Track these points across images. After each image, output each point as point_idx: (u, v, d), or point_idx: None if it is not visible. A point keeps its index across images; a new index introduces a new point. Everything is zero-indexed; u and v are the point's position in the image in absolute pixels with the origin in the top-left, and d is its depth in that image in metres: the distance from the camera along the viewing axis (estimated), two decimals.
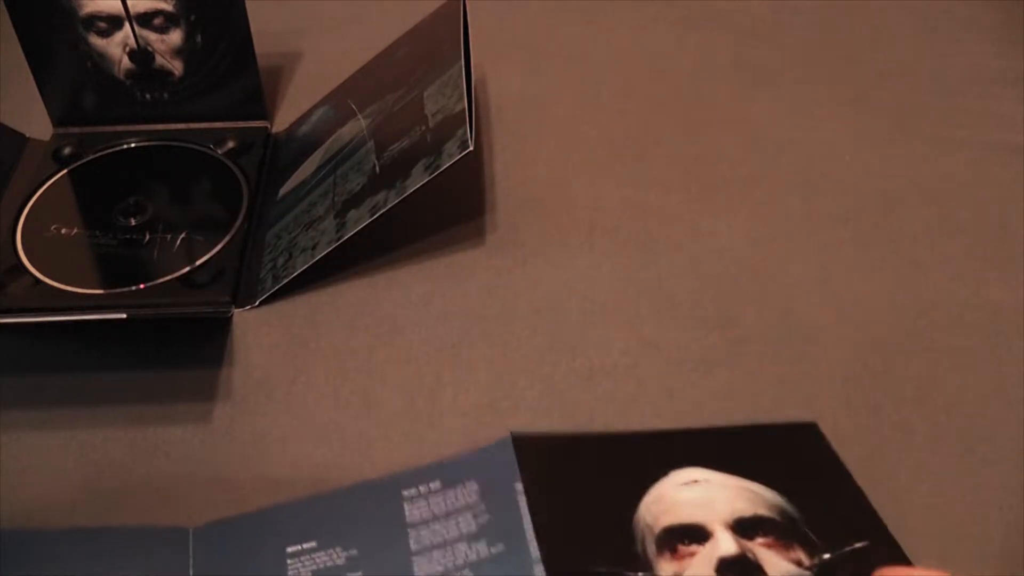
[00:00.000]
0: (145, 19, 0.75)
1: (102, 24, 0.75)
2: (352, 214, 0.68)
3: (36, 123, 0.80)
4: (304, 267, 0.68)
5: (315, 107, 0.83)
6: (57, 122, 0.80)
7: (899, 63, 0.86)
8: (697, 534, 0.55)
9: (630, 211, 0.74)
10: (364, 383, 0.64)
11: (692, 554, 0.54)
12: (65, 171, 0.77)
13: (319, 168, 0.75)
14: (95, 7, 0.74)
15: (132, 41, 0.76)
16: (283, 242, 0.71)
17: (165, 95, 0.79)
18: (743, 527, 0.54)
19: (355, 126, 0.76)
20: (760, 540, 0.53)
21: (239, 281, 0.70)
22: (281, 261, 0.70)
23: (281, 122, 0.83)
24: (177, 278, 0.69)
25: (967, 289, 0.68)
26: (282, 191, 0.76)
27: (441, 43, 0.74)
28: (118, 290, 0.68)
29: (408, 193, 0.66)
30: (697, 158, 0.78)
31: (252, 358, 0.65)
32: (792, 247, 0.71)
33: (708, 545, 0.54)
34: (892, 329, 0.65)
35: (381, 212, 0.66)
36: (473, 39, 0.74)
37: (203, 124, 0.81)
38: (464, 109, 0.66)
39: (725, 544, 0.53)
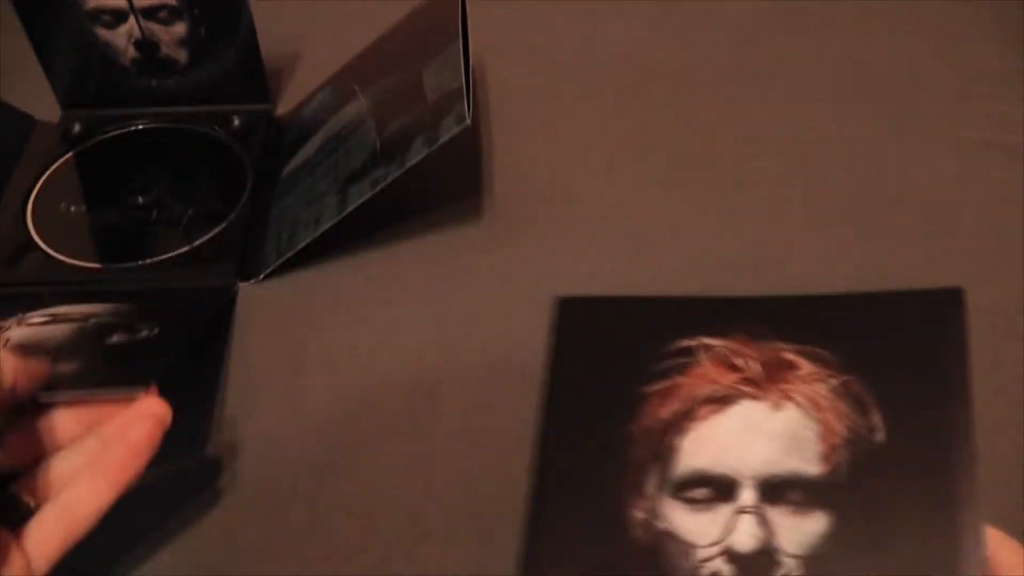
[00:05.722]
0: (149, 12, 0.76)
1: (107, 17, 0.76)
2: (354, 188, 0.70)
3: (44, 107, 0.81)
4: (307, 240, 0.69)
5: (317, 90, 0.83)
6: (65, 104, 0.82)
7: (899, 63, 0.85)
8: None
9: (630, 210, 0.74)
10: (363, 382, 0.64)
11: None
12: (73, 151, 0.79)
13: (322, 147, 0.76)
14: (99, 1, 0.76)
15: (137, 32, 0.77)
16: (287, 218, 0.73)
17: (171, 81, 0.80)
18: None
19: (357, 106, 0.76)
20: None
21: (244, 256, 0.71)
22: (285, 236, 0.71)
23: (284, 105, 0.84)
24: (183, 254, 0.71)
25: (966, 289, 0.68)
26: (285, 171, 0.77)
27: (440, 24, 0.75)
28: (125, 264, 0.70)
29: (408, 166, 0.67)
30: (697, 158, 0.78)
31: (252, 359, 0.66)
32: (792, 247, 0.71)
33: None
34: None
35: (382, 185, 0.67)
36: (473, 37, 0.74)
37: (208, 107, 0.82)
38: (461, 86, 0.67)
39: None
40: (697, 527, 0.48)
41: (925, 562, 0.46)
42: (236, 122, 0.81)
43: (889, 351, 0.52)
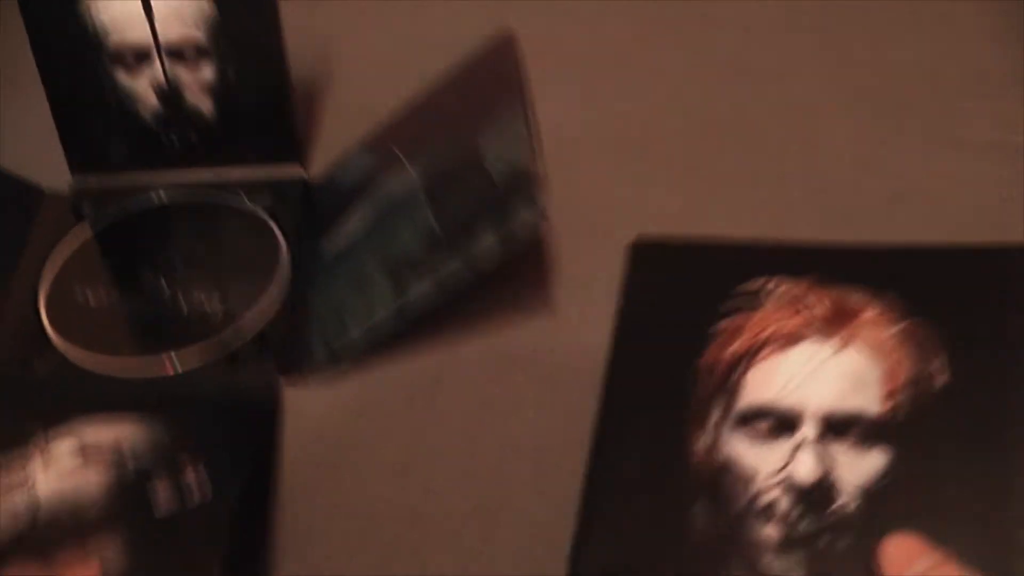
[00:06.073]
0: (176, 51, 0.71)
1: (130, 58, 0.71)
2: (412, 281, 0.62)
3: (50, 171, 0.75)
4: (361, 337, 0.63)
5: (353, 151, 0.76)
6: (76, 168, 0.75)
7: (899, 63, 0.83)
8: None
9: (630, 211, 0.72)
10: (365, 380, 0.64)
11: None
12: (89, 228, 0.72)
13: (366, 221, 0.69)
14: (122, 37, 0.71)
15: (161, 77, 0.72)
16: (332, 304, 0.66)
17: (194, 138, 0.74)
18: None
19: (403, 175, 0.69)
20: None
21: (284, 348, 0.65)
22: (332, 328, 0.65)
23: (316, 163, 0.78)
24: (216, 345, 0.64)
25: None
26: (325, 246, 0.70)
27: (494, 83, 0.69)
28: (152, 357, 0.64)
29: (479, 265, 0.60)
30: (697, 158, 0.77)
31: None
32: None
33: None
34: None
35: (450, 285, 0.61)
36: (473, 39, 0.74)
37: (234, 169, 0.75)
38: (531, 164, 0.60)
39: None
40: (758, 458, 0.50)
41: (979, 499, 0.48)
42: (265, 190, 0.74)
43: (957, 301, 0.54)
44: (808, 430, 0.50)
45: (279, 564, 0.57)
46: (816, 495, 0.48)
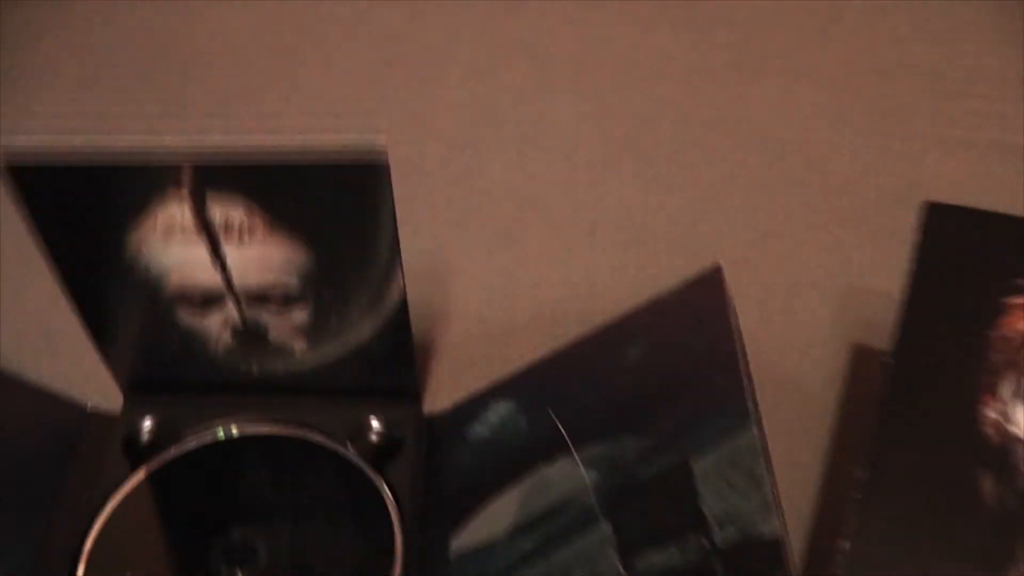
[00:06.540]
0: (259, 296, 0.54)
1: (197, 300, 0.55)
2: None
3: (100, 381, 0.60)
4: None
5: (490, 394, 0.59)
6: (128, 389, 0.59)
7: (899, 63, 0.86)
8: None
9: (630, 211, 0.74)
10: None
11: None
12: (135, 483, 0.56)
13: (516, 530, 0.51)
14: (186, 280, 0.53)
15: (237, 319, 0.55)
16: None
17: (280, 369, 0.58)
18: None
19: (571, 473, 0.51)
20: None
21: None
22: None
23: (431, 397, 0.65)
24: None
25: None
26: (455, 543, 0.53)
27: (702, 365, 0.50)
28: None
29: None
30: (697, 158, 0.79)
31: None
32: (792, 247, 0.72)
33: None
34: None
35: None
36: (474, 41, 0.82)
37: (329, 404, 0.59)
38: (779, 536, 0.43)
39: None
40: None
41: None
42: (371, 431, 0.58)
43: None
44: None
45: None
46: None
